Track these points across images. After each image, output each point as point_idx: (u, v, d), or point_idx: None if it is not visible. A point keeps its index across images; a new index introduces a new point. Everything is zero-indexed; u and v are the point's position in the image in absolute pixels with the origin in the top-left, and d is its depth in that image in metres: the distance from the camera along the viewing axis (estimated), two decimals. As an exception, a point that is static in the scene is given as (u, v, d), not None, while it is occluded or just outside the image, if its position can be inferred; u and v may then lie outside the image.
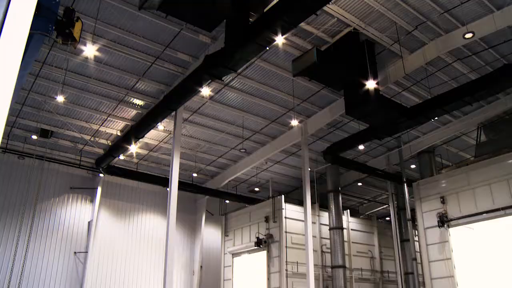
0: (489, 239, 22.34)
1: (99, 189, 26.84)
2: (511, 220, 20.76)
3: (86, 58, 17.94)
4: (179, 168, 19.47)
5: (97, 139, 24.67)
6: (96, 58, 18.13)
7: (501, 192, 19.29)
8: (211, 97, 21.24)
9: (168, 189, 19.12)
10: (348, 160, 25.70)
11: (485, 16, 16.18)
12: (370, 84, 16.80)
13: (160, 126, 22.78)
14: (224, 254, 28.75)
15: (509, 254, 22.85)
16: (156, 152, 26.67)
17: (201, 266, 30.21)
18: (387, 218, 33.00)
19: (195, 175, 29.69)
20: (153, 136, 24.76)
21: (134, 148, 23.56)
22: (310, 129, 23.36)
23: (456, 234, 20.86)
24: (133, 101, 21.69)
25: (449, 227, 20.76)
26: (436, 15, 16.34)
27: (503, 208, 19.01)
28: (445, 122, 24.30)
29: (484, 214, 19.74)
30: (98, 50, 17.48)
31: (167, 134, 24.47)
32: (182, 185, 23.62)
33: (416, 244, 24.50)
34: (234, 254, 27.98)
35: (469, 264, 20.70)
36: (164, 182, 25.62)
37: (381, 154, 27.95)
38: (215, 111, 22.69)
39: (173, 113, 19.74)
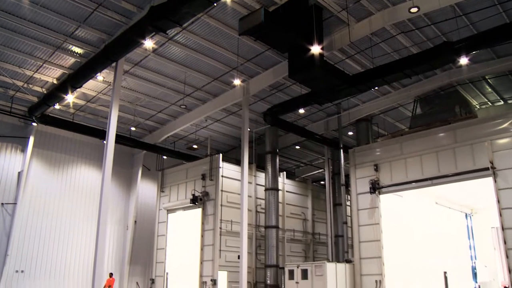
0: (415, 206, 23.55)
1: (31, 139, 25.77)
2: (437, 190, 21.94)
3: (20, -3, 16.81)
4: (117, 121, 18.95)
5: (30, 86, 23.49)
6: (32, -1, 17.03)
7: (430, 163, 20.27)
8: (154, 50, 20.62)
9: (104, 141, 18.67)
10: (288, 122, 26.00)
11: (431, -7, 16.53)
12: (315, 49, 16.83)
13: (99, 76, 22.02)
14: (159, 210, 28.72)
15: (427, 221, 24.24)
16: (94, 103, 25.82)
17: (135, 221, 30.06)
18: (322, 182, 33.89)
19: (133, 129, 29.12)
20: (91, 86, 23.87)
21: (70, 98, 22.72)
22: (252, 90, 23.33)
23: (386, 200, 21.81)
24: (72, 49, 20.68)
25: (380, 194, 21.64)
26: (385, -15, 16.51)
27: (430, 178, 20.05)
28: (385, 93, 24.92)
29: (413, 183, 20.71)
30: (35, -10, 16.43)
31: (106, 85, 23.69)
32: (119, 138, 23.14)
33: (348, 208, 25.39)
34: (169, 210, 28.00)
35: (395, 229, 21.79)
36: (101, 134, 24.94)
37: (321, 119, 28.42)
38: (157, 64, 22.11)
39: (114, 64, 19.06)
